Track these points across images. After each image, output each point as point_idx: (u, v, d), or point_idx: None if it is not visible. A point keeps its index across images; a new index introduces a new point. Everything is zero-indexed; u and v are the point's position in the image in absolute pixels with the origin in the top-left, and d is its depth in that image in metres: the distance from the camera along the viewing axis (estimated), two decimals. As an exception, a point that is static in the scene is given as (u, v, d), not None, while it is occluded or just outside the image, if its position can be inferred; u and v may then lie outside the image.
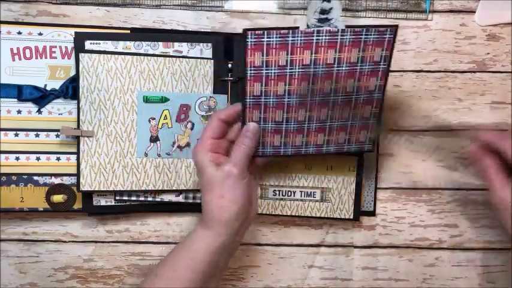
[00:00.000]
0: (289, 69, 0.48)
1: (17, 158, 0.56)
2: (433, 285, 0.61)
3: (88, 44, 0.55)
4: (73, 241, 0.60)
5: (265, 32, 0.47)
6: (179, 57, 0.56)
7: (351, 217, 0.59)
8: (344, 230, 0.61)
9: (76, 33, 0.55)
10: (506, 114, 0.59)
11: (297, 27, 0.47)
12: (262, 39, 0.47)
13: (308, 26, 0.47)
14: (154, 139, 0.56)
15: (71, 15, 0.58)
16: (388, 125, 0.59)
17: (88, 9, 0.58)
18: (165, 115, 0.56)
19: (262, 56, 0.48)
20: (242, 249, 0.61)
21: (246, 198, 0.48)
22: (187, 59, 0.56)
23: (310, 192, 0.59)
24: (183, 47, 0.56)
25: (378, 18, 0.58)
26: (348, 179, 0.58)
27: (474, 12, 0.59)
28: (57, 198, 0.56)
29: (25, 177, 0.56)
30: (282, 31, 0.47)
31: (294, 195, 0.59)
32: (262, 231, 0.61)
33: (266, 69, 0.48)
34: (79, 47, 0.54)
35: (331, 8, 0.46)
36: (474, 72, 0.59)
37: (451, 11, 0.59)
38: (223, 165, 0.48)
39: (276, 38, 0.47)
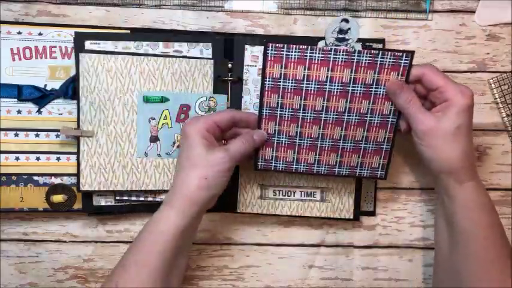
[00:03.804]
0: (306, 83, 0.50)
1: (17, 158, 0.56)
2: (433, 285, 0.61)
3: (88, 44, 0.55)
4: (73, 241, 0.60)
5: (285, 45, 0.49)
6: (179, 57, 0.56)
7: (351, 217, 0.59)
8: (344, 230, 0.61)
9: (76, 33, 0.55)
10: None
11: (315, 45, 0.49)
12: (282, 52, 0.49)
13: (326, 44, 0.49)
14: (154, 139, 0.56)
15: (71, 15, 0.58)
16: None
17: (88, 9, 0.58)
18: (165, 115, 0.56)
19: (281, 68, 0.49)
20: (242, 249, 0.61)
21: (224, 189, 0.50)
22: (187, 59, 0.56)
23: (310, 192, 0.59)
24: (183, 47, 0.56)
25: (378, 18, 0.58)
26: (348, 179, 0.58)
27: (474, 12, 0.59)
28: (57, 198, 0.56)
29: (25, 177, 0.56)
30: (302, 46, 0.49)
31: (294, 195, 0.59)
32: (262, 231, 0.61)
33: (284, 82, 0.50)
34: (79, 47, 0.54)
35: (349, 29, 0.49)
36: (474, 72, 0.59)
37: (451, 11, 0.59)
38: (219, 151, 0.48)
39: (295, 52, 0.49)
